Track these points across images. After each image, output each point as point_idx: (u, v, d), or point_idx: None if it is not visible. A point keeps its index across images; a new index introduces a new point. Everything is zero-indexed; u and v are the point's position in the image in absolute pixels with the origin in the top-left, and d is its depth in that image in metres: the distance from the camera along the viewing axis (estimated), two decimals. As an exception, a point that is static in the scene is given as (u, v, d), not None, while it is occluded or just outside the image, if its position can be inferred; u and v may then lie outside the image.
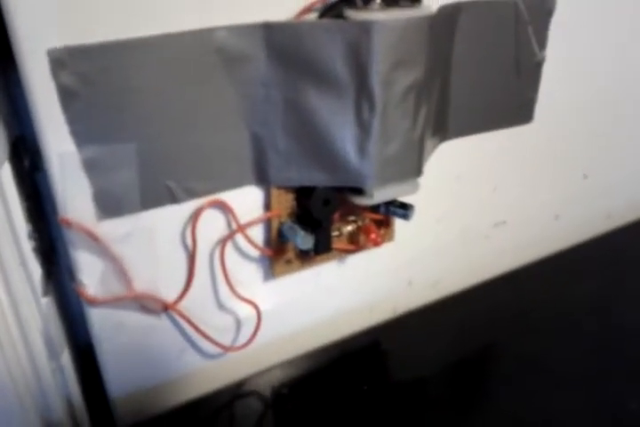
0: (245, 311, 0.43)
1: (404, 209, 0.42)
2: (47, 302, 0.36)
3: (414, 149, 0.39)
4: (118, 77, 0.31)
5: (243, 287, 0.42)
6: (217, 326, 0.42)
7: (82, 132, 0.32)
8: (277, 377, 0.47)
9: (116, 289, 0.37)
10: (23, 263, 0.34)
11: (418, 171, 0.40)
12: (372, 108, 0.35)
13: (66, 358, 0.39)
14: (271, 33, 0.34)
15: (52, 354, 0.37)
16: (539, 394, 0.46)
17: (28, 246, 0.34)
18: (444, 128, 0.45)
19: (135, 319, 0.39)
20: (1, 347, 0.34)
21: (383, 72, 0.35)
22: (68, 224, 0.34)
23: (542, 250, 0.62)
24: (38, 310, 0.36)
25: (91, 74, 0.31)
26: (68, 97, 0.30)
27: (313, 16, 0.35)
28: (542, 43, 0.47)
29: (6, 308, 0.34)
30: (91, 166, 0.33)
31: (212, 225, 0.39)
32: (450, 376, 0.49)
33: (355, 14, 0.34)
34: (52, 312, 0.37)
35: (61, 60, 0.29)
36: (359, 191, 0.39)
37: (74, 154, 0.32)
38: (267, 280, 0.43)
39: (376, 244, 0.44)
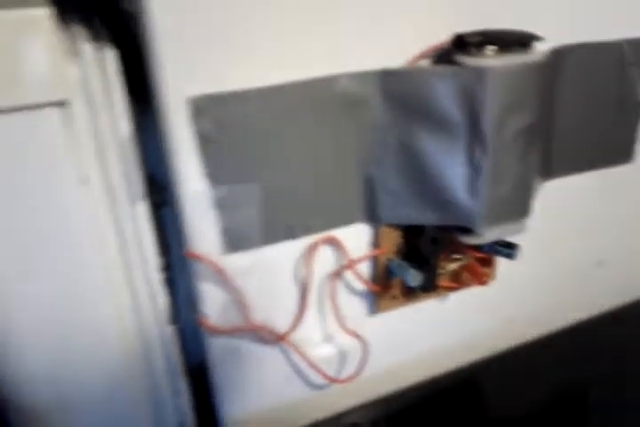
0: (350, 344, 0.44)
1: (510, 248, 0.42)
2: (171, 330, 0.39)
3: (523, 189, 0.40)
4: (249, 123, 0.34)
5: (348, 321, 0.43)
6: (323, 357, 0.43)
7: (214, 173, 0.34)
8: (376, 411, 0.48)
9: (236, 320, 0.39)
10: (152, 294, 0.37)
11: (526, 211, 0.41)
12: (483, 150, 0.36)
13: (182, 382, 0.41)
14: (388, 79, 0.36)
15: (173, 379, 0.40)
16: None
17: (157, 278, 0.37)
18: (547, 168, 0.45)
19: (250, 348, 0.41)
20: (128, 372, 0.37)
21: (496, 116, 0.36)
22: (196, 257, 0.36)
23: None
24: (162, 337, 0.38)
25: (225, 120, 0.33)
26: (204, 141, 0.33)
27: (426, 63, 0.37)
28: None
29: (135, 335, 0.37)
30: (220, 204, 0.35)
31: (323, 261, 0.40)
32: (547, 415, 0.49)
33: (468, 60, 0.35)
34: (174, 339, 0.39)
35: (200, 108, 0.32)
36: (467, 230, 0.40)
37: (205, 193, 0.35)
38: (371, 315, 0.45)
39: (482, 283, 0.44)
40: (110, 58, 0.29)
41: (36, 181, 0.29)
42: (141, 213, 0.35)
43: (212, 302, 0.38)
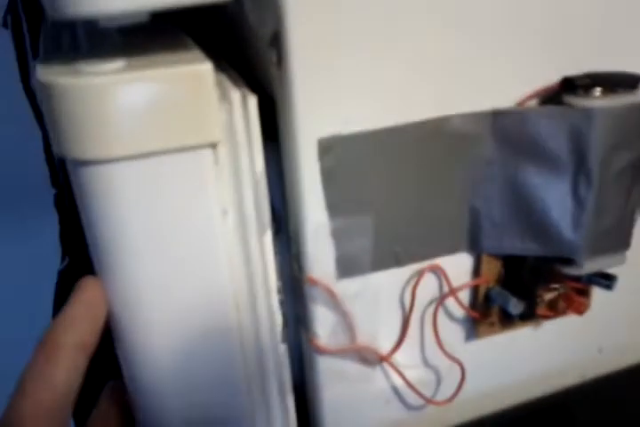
0: (448, 368, 0.46)
1: (608, 280, 0.44)
2: (284, 348, 0.41)
3: (625, 223, 0.41)
4: (365, 161, 0.37)
5: (447, 345, 0.45)
6: (422, 379, 0.45)
7: (334, 205, 0.37)
8: (470, 433, 0.49)
9: (343, 341, 0.42)
10: (271, 315, 0.40)
11: (627, 244, 0.42)
12: (589, 185, 0.38)
13: (291, 400, 0.44)
14: (499, 119, 0.38)
15: (282, 396, 0.42)
16: None
17: (276, 300, 0.40)
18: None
19: (354, 369, 0.43)
20: (239, 390, 0.40)
21: (602, 154, 0.37)
22: (314, 282, 0.39)
23: None
24: (275, 356, 0.41)
25: (346, 158, 0.36)
26: (328, 177, 0.36)
27: (534, 103, 0.39)
28: None
29: (252, 353, 0.40)
30: (337, 234, 0.38)
31: (426, 287, 0.43)
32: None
33: (576, 101, 0.37)
34: (285, 358, 0.42)
35: (327, 147, 0.35)
36: (567, 261, 0.41)
37: (325, 223, 0.37)
38: (469, 340, 0.46)
39: (579, 312, 0.45)
40: (252, 103, 0.32)
41: (184, 213, 0.33)
42: (268, 240, 0.38)
43: (324, 324, 0.41)
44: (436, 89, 0.37)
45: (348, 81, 0.35)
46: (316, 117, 0.35)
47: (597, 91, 0.38)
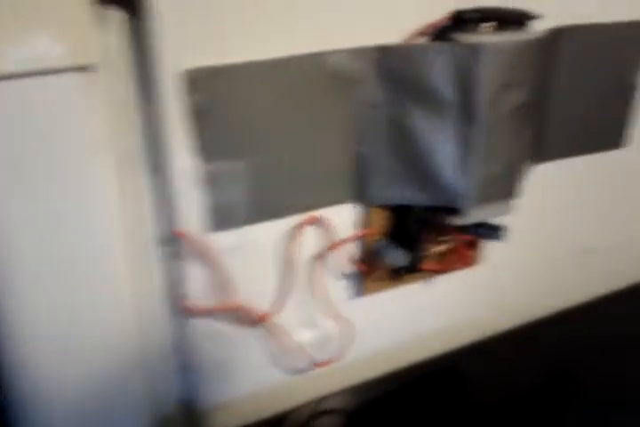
0: (335, 327, 0.43)
1: (495, 230, 0.42)
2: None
3: (514, 170, 0.39)
4: (243, 97, 0.33)
5: (333, 304, 0.42)
6: (306, 340, 0.43)
7: (207, 148, 0.33)
8: (357, 396, 0.47)
9: (218, 300, 0.38)
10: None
11: (514, 192, 0.40)
12: (477, 127, 0.36)
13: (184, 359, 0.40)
14: (384, 55, 0.35)
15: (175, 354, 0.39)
16: (621, 422, 0.46)
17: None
18: (540, 150, 0.45)
19: (231, 330, 0.40)
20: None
21: (489, 94, 0.35)
22: (181, 235, 0.35)
23: (632, 277, 0.60)
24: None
25: (220, 93, 0.32)
26: (199, 114, 0.32)
27: (423, 40, 0.36)
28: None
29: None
30: (210, 181, 0.34)
31: (309, 241, 0.39)
32: (531, 401, 0.49)
33: (465, 37, 0.35)
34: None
35: (196, 80, 0.31)
36: (454, 212, 0.39)
37: (196, 169, 0.33)
38: (356, 297, 0.44)
39: (466, 264, 0.44)
40: (142, 24, 0.28)
41: (51, 146, 0.28)
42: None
43: (196, 282, 0.37)
44: (317, 22, 0.33)
45: (223, 7, 0.30)
46: (183, 46, 0.30)
47: (486, 26, 0.35)
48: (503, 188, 0.39)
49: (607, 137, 0.49)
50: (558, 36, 0.40)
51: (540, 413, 0.48)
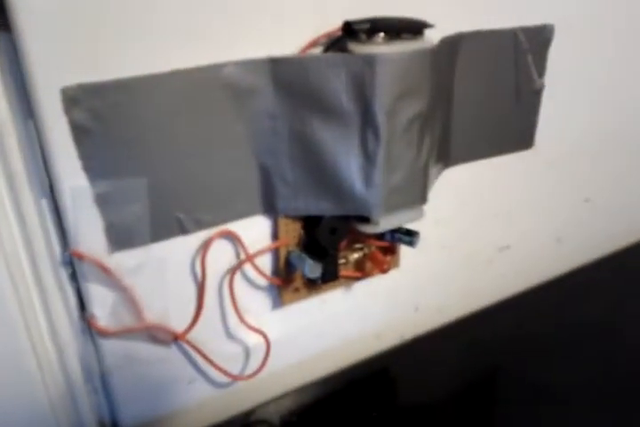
0: (254, 340, 0.43)
1: (410, 236, 0.42)
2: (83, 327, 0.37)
3: (419, 177, 0.40)
4: (129, 113, 0.32)
5: (251, 316, 0.42)
6: (226, 355, 0.42)
7: (94, 167, 0.32)
8: (286, 405, 0.47)
9: (127, 320, 0.37)
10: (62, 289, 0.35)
11: (423, 198, 0.41)
12: (376, 138, 0.36)
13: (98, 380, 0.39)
14: (277, 67, 0.35)
15: (88, 376, 0.38)
16: (545, 419, 0.46)
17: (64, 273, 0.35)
18: (446, 155, 0.45)
19: (145, 350, 0.39)
20: (41, 369, 0.35)
21: (387, 103, 0.35)
22: (80, 257, 0.34)
23: (545, 274, 0.62)
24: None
25: (102, 110, 0.31)
26: (80, 133, 0.31)
27: (318, 50, 0.36)
28: (541, 70, 0.48)
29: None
30: (102, 201, 0.33)
31: (220, 255, 0.39)
32: (457, 401, 0.49)
33: (358, 48, 0.35)
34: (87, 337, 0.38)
35: (74, 98, 0.30)
36: (365, 219, 0.39)
37: (86, 188, 0.33)
38: (275, 309, 0.44)
39: (383, 271, 0.44)
40: None
41: None
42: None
43: (101, 303, 0.36)
44: (207, 33, 0.33)
45: (99, 18, 0.30)
46: (58, 62, 0.29)
47: (380, 37, 0.35)
48: (410, 195, 0.40)
49: (515, 139, 0.50)
50: (456, 42, 0.41)
51: (466, 412, 0.48)
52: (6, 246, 0.32)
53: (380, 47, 0.35)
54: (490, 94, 0.46)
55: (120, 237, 0.35)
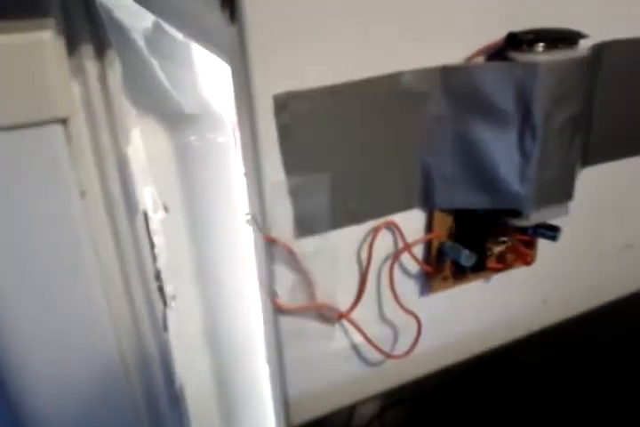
0: (405, 323, 0.47)
1: (553, 231, 0.46)
2: (167, 337, 0.41)
3: (568, 174, 0.43)
4: (323, 117, 0.37)
5: (404, 301, 0.46)
6: (380, 335, 0.47)
7: (291, 163, 0.37)
8: (427, 386, 0.51)
9: (302, 299, 0.42)
10: (149, 301, 0.39)
11: (570, 195, 0.44)
12: (534, 138, 0.40)
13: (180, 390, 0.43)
14: (447, 75, 0.39)
15: (168, 387, 0.41)
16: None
17: (154, 286, 0.39)
18: (586, 155, 0.48)
19: (314, 326, 0.44)
20: (127, 374, 0.39)
21: (546, 107, 0.39)
22: (273, 241, 0.39)
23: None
24: (160, 344, 0.40)
25: (303, 114, 0.36)
26: (284, 133, 0.36)
27: (481, 59, 0.40)
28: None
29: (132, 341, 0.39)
30: (295, 192, 0.38)
31: (382, 244, 0.43)
32: (580, 393, 0.52)
33: (521, 56, 0.39)
34: (169, 345, 0.41)
35: (283, 103, 0.35)
36: (514, 214, 0.43)
37: (283, 182, 0.38)
38: (423, 295, 0.48)
39: (527, 263, 0.48)
40: (114, 73, 0.31)
41: (38, 194, 0.31)
42: (140, 223, 0.37)
43: (283, 283, 0.41)
44: (388, 45, 0.37)
45: (303, 37, 0.35)
46: (272, 74, 0.35)
47: (540, 46, 0.39)
48: (559, 192, 0.43)
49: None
50: (600, 51, 0.44)
51: (589, 405, 0.50)
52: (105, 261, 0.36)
53: (541, 56, 0.38)
54: (630, 100, 0.49)
55: (305, 225, 0.40)
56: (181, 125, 0.34)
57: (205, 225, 0.37)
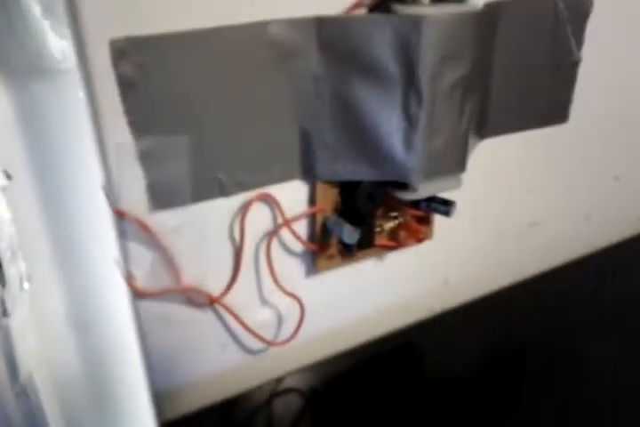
0: (287, 306, 0.43)
1: (446, 205, 0.42)
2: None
3: (459, 143, 0.39)
4: (174, 68, 0.32)
5: (285, 282, 0.42)
6: (259, 320, 0.42)
7: (138, 122, 0.32)
8: (315, 375, 0.47)
9: (165, 281, 0.37)
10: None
11: (462, 166, 0.40)
12: (419, 101, 0.36)
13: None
14: (323, 27, 0.34)
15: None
16: (575, 393, 0.46)
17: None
18: (483, 126, 0.45)
19: (181, 313, 0.39)
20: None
21: (431, 66, 0.35)
22: (122, 215, 0.34)
23: (574, 251, 0.62)
24: None
25: (148, 64, 0.31)
26: (126, 87, 0.31)
27: (363, 11, 0.36)
28: (579, 43, 0.47)
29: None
30: (145, 157, 0.33)
31: (258, 219, 0.39)
32: (484, 375, 0.49)
33: (404, 9, 0.34)
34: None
35: (122, 50, 0.30)
36: (403, 186, 0.39)
37: (130, 145, 0.33)
38: (309, 276, 0.44)
39: (419, 240, 0.44)
40: None
41: None
42: None
43: (140, 263, 0.36)
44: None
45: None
46: (107, 14, 0.29)
47: (426, -2, 0.35)
48: (450, 161, 0.39)
49: (551, 113, 0.49)
50: (497, 10, 0.40)
51: (493, 386, 0.48)
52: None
53: (426, 8, 0.34)
54: (527, 66, 0.45)
55: (161, 196, 0.35)
56: (26, 79, 0.28)
57: (61, 194, 0.31)
